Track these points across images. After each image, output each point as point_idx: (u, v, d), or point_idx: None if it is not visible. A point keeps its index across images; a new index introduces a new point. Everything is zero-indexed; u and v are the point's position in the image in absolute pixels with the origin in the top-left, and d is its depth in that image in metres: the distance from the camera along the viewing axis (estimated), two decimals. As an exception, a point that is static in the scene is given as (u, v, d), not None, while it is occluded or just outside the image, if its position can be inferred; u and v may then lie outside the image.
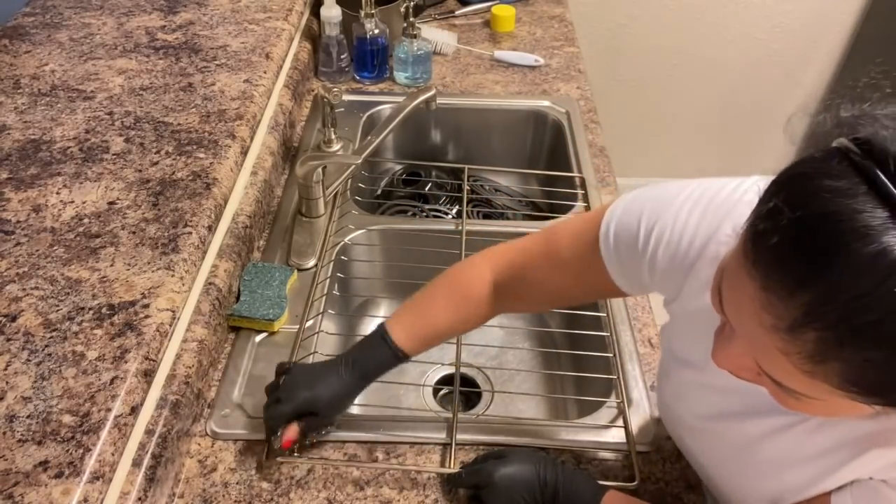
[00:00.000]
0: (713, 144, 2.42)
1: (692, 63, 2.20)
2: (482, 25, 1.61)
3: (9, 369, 0.69)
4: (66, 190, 0.89)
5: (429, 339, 0.79)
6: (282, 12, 1.29)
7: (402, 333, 0.77)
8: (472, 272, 0.79)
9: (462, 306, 0.79)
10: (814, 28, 2.13)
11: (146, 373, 0.71)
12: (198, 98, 1.06)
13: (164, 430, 0.73)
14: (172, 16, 1.25)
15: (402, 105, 1.13)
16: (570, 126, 1.33)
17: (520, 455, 0.76)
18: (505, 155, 1.45)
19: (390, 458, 0.81)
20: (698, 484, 0.80)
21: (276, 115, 1.19)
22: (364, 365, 0.78)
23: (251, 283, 0.96)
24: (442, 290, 0.80)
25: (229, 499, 0.76)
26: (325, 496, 0.77)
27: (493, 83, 1.43)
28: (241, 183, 1.03)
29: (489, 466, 0.74)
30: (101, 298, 0.76)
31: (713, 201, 0.60)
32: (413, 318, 0.79)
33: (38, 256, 0.80)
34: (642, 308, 1.00)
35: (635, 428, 0.84)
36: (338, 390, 0.77)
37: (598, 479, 0.79)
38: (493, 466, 0.74)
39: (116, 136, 0.98)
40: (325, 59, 1.40)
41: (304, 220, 1.10)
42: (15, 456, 0.63)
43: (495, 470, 0.73)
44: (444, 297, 0.79)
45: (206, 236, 0.88)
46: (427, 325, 0.79)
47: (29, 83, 1.06)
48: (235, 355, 0.91)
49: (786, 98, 2.31)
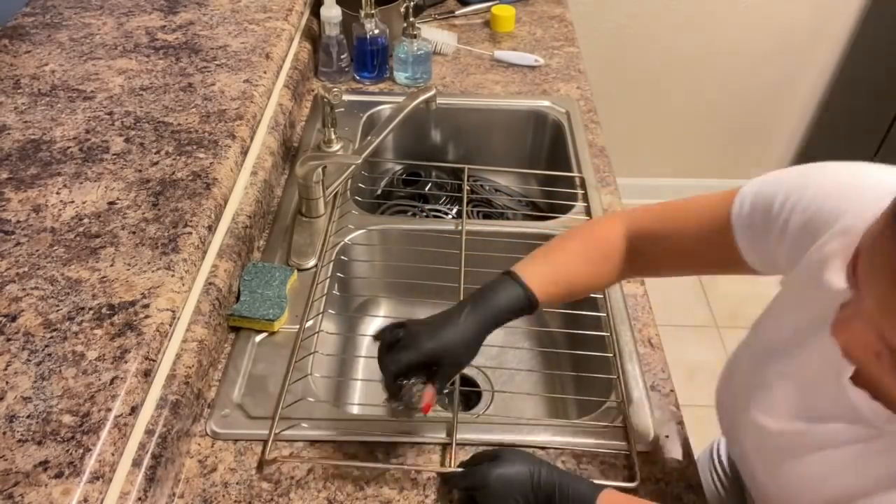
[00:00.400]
0: (713, 144, 2.42)
1: (692, 63, 2.20)
2: (482, 25, 1.61)
3: (9, 369, 0.69)
4: (66, 190, 0.89)
5: (560, 291, 0.75)
6: (282, 12, 1.29)
7: (534, 279, 0.73)
8: (608, 229, 0.77)
9: (598, 261, 0.76)
10: (814, 28, 2.13)
11: (146, 373, 0.71)
12: (198, 98, 1.06)
13: (164, 430, 0.73)
14: (172, 16, 1.25)
15: (402, 105, 1.13)
16: (570, 126, 1.33)
17: (514, 456, 0.75)
18: (505, 155, 1.45)
19: (390, 458, 0.81)
20: (698, 484, 0.80)
21: (276, 115, 1.19)
22: (493, 306, 0.72)
23: (251, 283, 0.96)
24: (576, 243, 0.77)
25: (229, 499, 0.76)
26: (325, 496, 0.77)
27: (493, 83, 1.43)
28: (241, 183, 1.03)
29: (483, 468, 0.73)
30: (101, 298, 0.76)
31: (858, 178, 0.60)
32: (545, 267, 0.76)
33: (38, 256, 0.80)
34: (642, 308, 1.00)
35: (635, 428, 0.84)
36: (465, 335, 0.71)
37: (598, 478, 0.79)
38: (488, 468, 0.73)
39: (116, 136, 0.98)
40: (325, 59, 1.40)
41: (304, 220, 1.10)
42: (15, 456, 0.63)
43: (490, 472, 0.72)
44: (579, 250, 0.77)
45: (206, 236, 0.88)
46: (560, 276, 0.75)
47: (29, 83, 1.06)
48: (235, 355, 0.91)
49: (786, 98, 2.31)
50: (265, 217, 1.10)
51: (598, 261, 0.77)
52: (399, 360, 0.71)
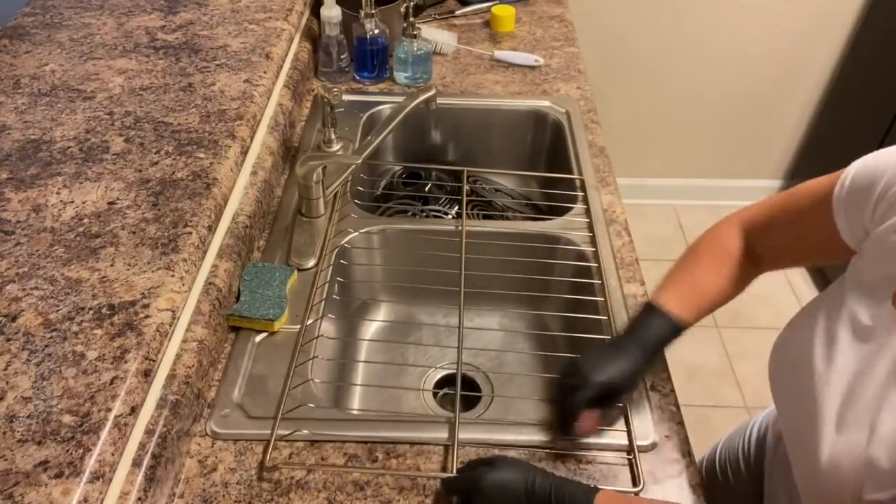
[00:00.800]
0: (713, 144, 2.42)
1: (692, 63, 2.20)
2: (482, 25, 1.61)
3: (9, 369, 0.69)
4: (66, 190, 0.89)
5: (703, 305, 0.81)
6: (282, 12, 1.29)
7: (675, 303, 0.79)
8: (723, 235, 0.82)
9: (726, 268, 0.81)
10: (814, 28, 2.13)
11: (146, 373, 0.71)
12: (198, 98, 1.06)
13: (164, 430, 0.73)
14: (172, 16, 1.25)
15: (402, 105, 1.13)
16: (570, 126, 1.33)
17: (508, 462, 0.76)
18: (505, 154, 1.45)
19: (390, 458, 0.81)
20: (698, 484, 0.80)
21: (276, 115, 1.19)
22: (645, 340, 0.79)
23: (251, 283, 0.96)
24: (706, 256, 0.82)
25: (229, 499, 0.76)
26: (324, 496, 0.77)
27: (493, 83, 1.43)
28: (241, 183, 1.03)
29: (478, 472, 0.74)
30: (101, 298, 0.76)
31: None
32: (683, 287, 0.81)
33: (38, 256, 0.80)
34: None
35: (636, 428, 0.84)
36: (629, 370, 0.78)
37: (599, 479, 0.80)
38: (482, 473, 0.74)
39: (116, 136, 0.98)
40: (325, 59, 1.40)
41: (304, 220, 1.10)
42: (15, 456, 0.63)
43: (484, 476, 0.73)
44: (710, 262, 0.82)
45: (206, 236, 0.88)
46: (700, 292, 0.81)
47: (29, 83, 1.06)
48: (235, 355, 0.91)
49: (786, 98, 2.31)
50: (265, 217, 1.10)
51: (732, 269, 0.81)
52: (580, 403, 0.77)
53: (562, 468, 0.81)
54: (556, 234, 1.12)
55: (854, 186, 0.67)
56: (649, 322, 0.80)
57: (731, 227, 0.83)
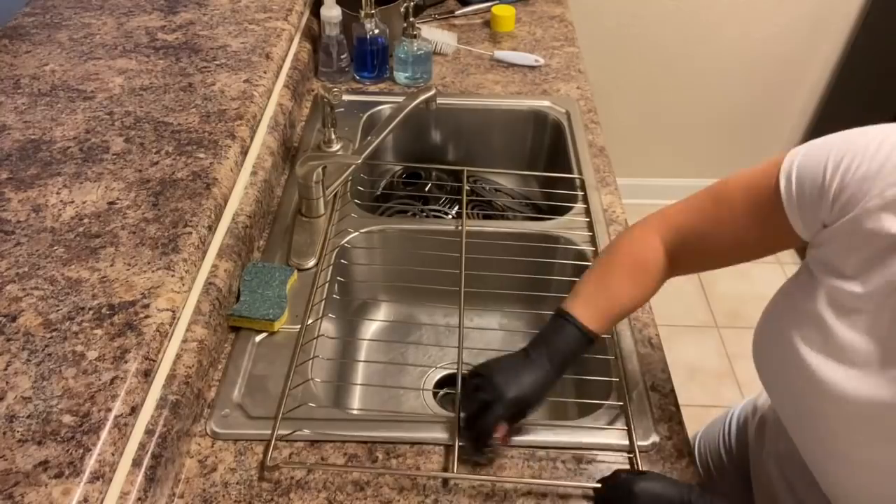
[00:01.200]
0: (713, 144, 2.42)
1: (692, 63, 2.20)
2: (482, 25, 1.61)
3: (9, 369, 0.69)
4: (66, 190, 0.89)
5: (614, 315, 0.80)
6: (282, 12, 1.29)
7: (586, 313, 0.78)
8: (643, 243, 0.80)
9: (642, 279, 0.79)
10: (814, 28, 2.13)
11: (146, 373, 0.71)
12: (198, 98, 1.06)
13: (164, 430, 0.73)
14: (172, 16, 1.25)
15: (402, 105, 1.13)
16: (570, 126, 1.33)
17: (659, 475, 0.74)
18: (505, 155, 1.45)
19: (391, 458, 0.81)
20: (698, 484, 0.80)
21: (276, 115, 1.19)
22: (557, 352, 0.78)
23: (251, 283, 0.96)
24: (618, 266, 0.81)
25: (229, 499, 0.76)
26: (324, 496, 0.77)
27: (493, 83, 1.43)
28: (241, 183, 1.03)
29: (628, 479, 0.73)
30: (101, 298, 0.76)
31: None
32: (597, 297, 0.80)
33: (38, 256, 0.80)
34: (642, 308, 1.00)
35: (636, 428, 0.84)
36: (541, 383, 0.77)
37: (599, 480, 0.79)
38: (632, 480, 0.72)
39: (116, 136, 0.98)
40: (325, 59, 1.40)
41: (304, 220, 1.10)
42: (15, 456, 0.62)
43: (635, 482, 0.71)
44: (622, 273, 0.80)
45: (206, 236, 0.88)
46: (611, 303, 0.79)
47: (29, 83, 1.06)
48: (235, 355, 0.91)
49: (786, 98, 2.31)
50: (265, 217, 1.10)
51: (644, 278, 0.80)
52: (494, 421, 0.76)
53: (562, 468, 0.81)
54: (556, 233, 1.12)
55: (802, 189, 0.65)
56: (561, 333, 0.78)
57: (649, 233, 0.79)
